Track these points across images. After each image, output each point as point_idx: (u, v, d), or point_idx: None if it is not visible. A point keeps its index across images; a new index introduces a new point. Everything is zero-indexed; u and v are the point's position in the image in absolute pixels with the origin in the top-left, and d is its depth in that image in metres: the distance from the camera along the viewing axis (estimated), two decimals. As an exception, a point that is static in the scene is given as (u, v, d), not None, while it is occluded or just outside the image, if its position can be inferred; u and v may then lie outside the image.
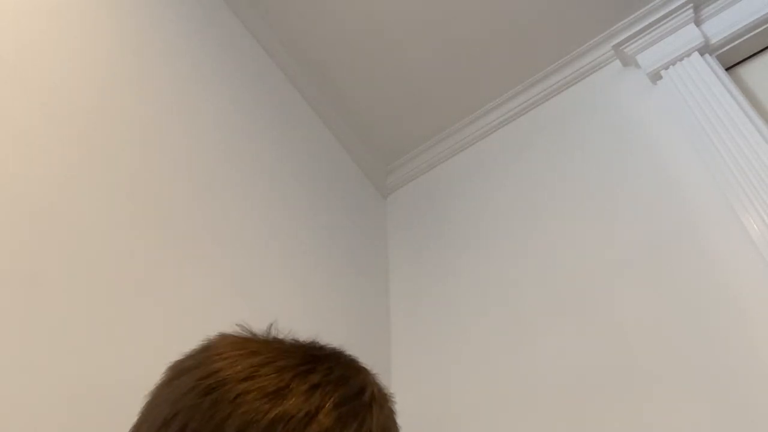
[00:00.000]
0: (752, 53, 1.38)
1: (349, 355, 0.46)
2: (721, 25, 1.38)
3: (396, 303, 1.51)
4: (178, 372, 0.42)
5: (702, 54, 1.36)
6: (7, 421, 0.63)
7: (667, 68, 1.39)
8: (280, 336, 0.44)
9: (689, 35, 1.40)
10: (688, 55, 1.37)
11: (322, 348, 0.44)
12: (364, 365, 0.46)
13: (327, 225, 1.44)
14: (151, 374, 0.81)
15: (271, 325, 0.46)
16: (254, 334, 0.44)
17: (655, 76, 1.41)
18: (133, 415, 0.76)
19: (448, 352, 1.32)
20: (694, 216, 1.16)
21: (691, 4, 1.41)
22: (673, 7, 1.43)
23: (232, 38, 1.47)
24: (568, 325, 1.18)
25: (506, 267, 1.37)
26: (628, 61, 1.50)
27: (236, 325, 0.45)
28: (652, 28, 1.45)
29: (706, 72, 1.32)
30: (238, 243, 1.12)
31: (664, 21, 1.43)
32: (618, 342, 1.10)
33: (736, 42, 1.36)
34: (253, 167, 1.29)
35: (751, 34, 1.35)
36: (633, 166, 1.32)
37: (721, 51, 1.38)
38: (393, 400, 0.46)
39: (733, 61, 1.39)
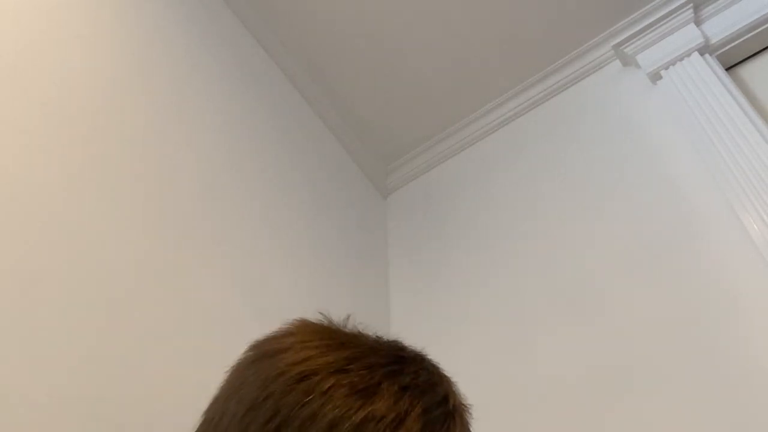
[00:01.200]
0: (752, 53, 1.38)
1: (431, 360, 0.46)
2: (721, 25, 1.38)
3: (396, 303, 1.51)
4: (265, 353, 0.41)
5: (702, 54, 1.36)
6: (7, 421, 0.63)
7: (667, 68, 1.39)
8: (360, 328, 0.45)
9: (689, 35, 1.40)
10: (688, 55, 1.37)
11: (405, 349, 0.45)
12: (445, 372, 0.46)
13: (327, 225, 1.44)
14: (154, 374, 0.82)
15: (349, 316, 0.46)
16: (335, 324, 0.44)
17: (655, 76, 1.41)
18: (134, 416, 0.76)
19: (448, 352, 1.31)
20: (694, 216, 1.16)
21: (691, 4, 1.41)
22: (673, 7, 1.43)
23: (233, 38, 1.47)
24: (567, 324, 1.18)
25: (506, 267, 1.37)
26: (628, 61, 1.50)
27: (318, 312, 0.45)
28: (652, 28, 1.45)
29: (706, 72, 1.32)
30: (239, 244, 1.12)
31: (664, 21, 1.43)
32: (618, 341, 1.10)
33: (736, 42, 1.36)
34: (254, 168, 1.29)
35: (751, 34, 1.35)
36: (633, 166, 1.32)
37: (721, 51, 1.38)
38: (470, 411, 0.46)
39: (733, 61, 1.39)
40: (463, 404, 0.45)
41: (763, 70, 1.35)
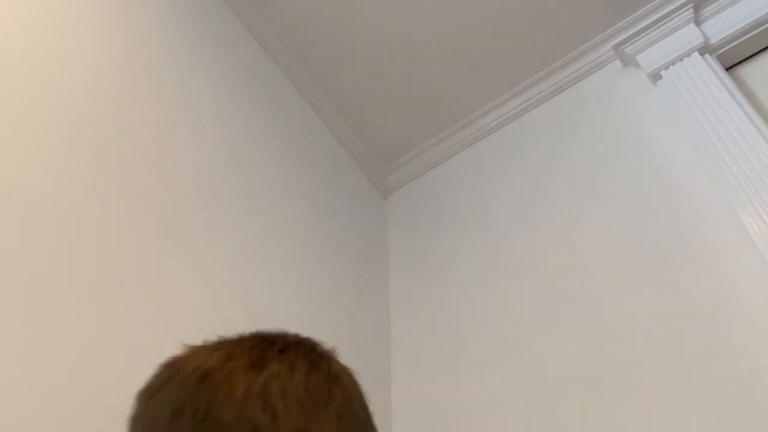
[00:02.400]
0: (752, 53, 1.38)
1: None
2: (721, 25, 1.38)
3: (396, 303, 1.51)
4: (158, 386, 0.46)
5: (702, 54, 1.36)
6: (6, 420, 0.63)
7: (667, 68, 1.39)
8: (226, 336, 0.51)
9: (689, 35, 1.40)
10: (688, 55, 1.37)
11: (266, 331, 0.51)
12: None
13: (327, 225, 1.45)
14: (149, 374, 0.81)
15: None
16: (204, 341, 0.50)
17: (655, 76, 1.41)
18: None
19: (448, 353, 1.32)
20: (694, 216, 1.16)
21: (691, 4, 1.41)
22: (673, 7, 1.43)
23: (233, 39, 1.47)
24: (567, 325, 1.18)
25: (506, 267, 1.37)
26: (628, 61, 1.50)
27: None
28: (652, 28, 1.45)
29: (706, 72, 1.32)
30: (239, 243, 1.12)
31: (664, 21, 1.44)
32: (617, 342, 1.10)
33: (736, 42, 1.36)
34: (254, 168, 1.29)
35: (751, 34, 1.35)
36: (633, 166, 1.32)
37: (721, 51, 1.38)
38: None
39: (733, 61, 1.39)
40: (329, 350, 0.52)
41: (763, 70, 1.35)
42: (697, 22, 1.41)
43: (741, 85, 1.34)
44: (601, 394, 1.06)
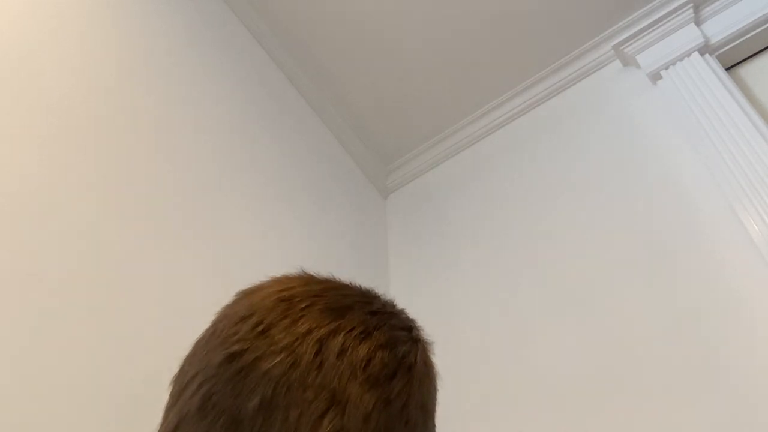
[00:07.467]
0: (752, 53, 1.38)
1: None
2: (721, 25, 1.38)
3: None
4: (248, 291, 0.48)
5: (702, 54, 1.36)
6: (6, 420, 0.63)
7: (667, 68, 1.39)
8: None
9: (689, 35, 1.40)
10: (688, 55, 1.37)
11: (377, 293, 0.50)
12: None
13: (327, 225, 1.44)
14: (150, 371, 0.81)
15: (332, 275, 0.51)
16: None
17: (655, 76, 1.41)
18: (132, 412, 0.76)
19: (448, 353, 1.32)
20: (695, 216, 1.16)
21: (691, 4, 1.41)
22: (673, 7, 1.43)
23: (233, 38, 1.47)
24: (568, 324, 1.18)
25: (507, 267, 1.37)
26: (628, 61, 1.50)
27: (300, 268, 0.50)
28: (652, 28, 1.45)
29: (706, 72, 1.32)
30: (238, 243, 1.12)
31: (664, 21, 1.43)
32: (617, 342, 1.10)
33: (736, 42, 1.36)
34: (253, 167, 1.29)
35: (751, 34, 1.35)
36: (633, 166, 1.32)
37: (721, 51, 1.38)
38: (433, 348, 0.52)
39: (733, 61, 1.39)
40: (427, 340, 0.51)
41: (763, 70, 1.35)
42: (697, 22, 1.41)
43: (741, 85, 1.34)
44: (601, 392, 1.06)
